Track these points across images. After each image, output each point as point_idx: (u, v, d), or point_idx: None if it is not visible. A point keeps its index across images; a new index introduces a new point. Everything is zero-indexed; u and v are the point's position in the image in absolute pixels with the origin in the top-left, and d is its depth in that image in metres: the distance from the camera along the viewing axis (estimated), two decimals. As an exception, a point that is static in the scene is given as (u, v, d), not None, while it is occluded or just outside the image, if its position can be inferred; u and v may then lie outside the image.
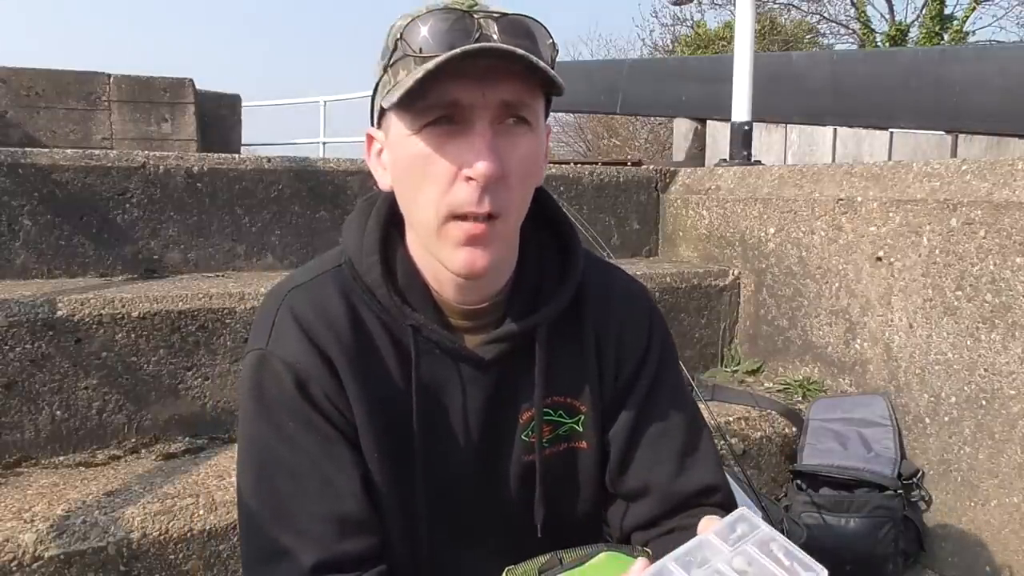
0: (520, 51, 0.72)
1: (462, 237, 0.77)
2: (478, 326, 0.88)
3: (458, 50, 0.71)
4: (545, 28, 0.78)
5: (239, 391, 0.89)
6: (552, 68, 0.78)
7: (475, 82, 0.73)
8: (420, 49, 0.74)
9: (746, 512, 0.64)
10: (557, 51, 0.80)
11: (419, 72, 0.72)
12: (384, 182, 0.86)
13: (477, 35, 0.73)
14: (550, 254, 0.92)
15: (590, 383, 0.93)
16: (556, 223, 0.94)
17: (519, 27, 0.76)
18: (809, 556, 0.60)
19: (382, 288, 0.85)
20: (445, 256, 0.80)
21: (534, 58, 0.73)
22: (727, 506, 0.94)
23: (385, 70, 0.79)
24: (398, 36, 0.76)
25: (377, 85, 0.82)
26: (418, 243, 0.85)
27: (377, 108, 0.83)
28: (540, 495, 0.91)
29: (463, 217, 0.76)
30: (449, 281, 0.85)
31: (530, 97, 0.77)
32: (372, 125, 0.86)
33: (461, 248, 0.78)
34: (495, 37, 0.74)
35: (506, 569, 0.83)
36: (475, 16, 0.74)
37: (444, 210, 0.77)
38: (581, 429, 0.93)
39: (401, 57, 0.76)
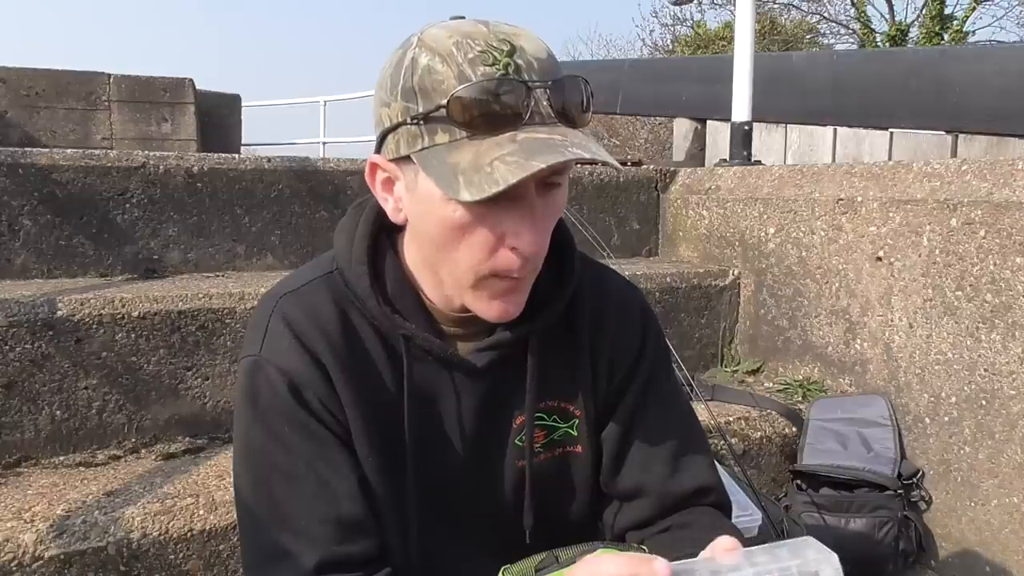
0: (601, 157, 0.73)
1: (499, 292, 0.79)
2: (470, 333, 0.88)
3: (542, 165, 0.69)
4: (586, 83, 0.78)
5: (235, 397, 0.89)
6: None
7: None
8: (467, 119, 0.71)
9: (811, 542, 0.62)
10: (593, 99, 0.80)
11: (497, 178, 0.69)
12: (397, 217, 0.82)
13: (528, 113, 0.72)
14: (546, 262, 0.92)
15: (584, 387, 0.93)
16: (555, 231, 0.94)
17: (565, 91, 0.75)
18: None
19: (371, 299, 0.84)
20: (478, 306, 0.81)
21: (602, 156, 0.73)
22: (721, 506, 0.95)
23: (416, 121, 0.74)
24: (440, 100, 0.72)
25: (398, 126, 0.76)
26: (419, 259, 0.84)
27: (397, 150, 0.77)
28: (529, 504, 0.91)
29: (501, 276, 0.78)
30: (449, 297, 0.85)
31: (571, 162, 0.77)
32: (377, 152, 0.81)
33: (497, 300, 0.80)
34: (544, 104, 0.73)
35: (502, 568, 0.84)
36: (527, 85, 0.72)
37: (484, 272, 0.78)
38: (575, 433, 0.93)
39: (442, 119, 0.72)
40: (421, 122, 0.74)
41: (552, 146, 0.71)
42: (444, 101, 0.72)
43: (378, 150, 0.81)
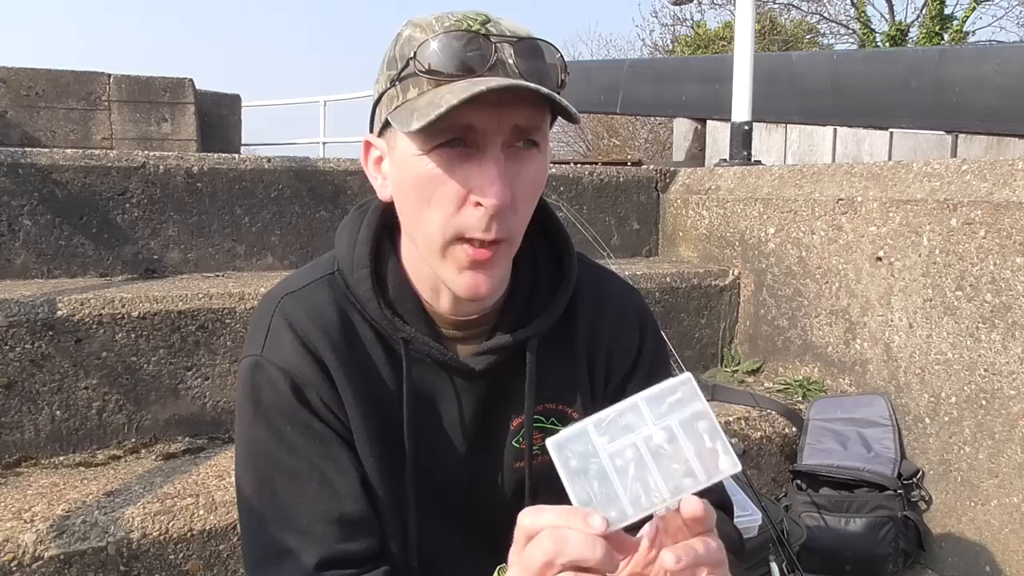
0: (544, 89, 0.72)
1: (466, 260, 0.77)
2: (470, 336, 0.89)
3: (483, 87, 0.70)
4: (557, 51, 0.78)
5: (236, 397, 0.89)
6: (563, 87, 0.79)
7: (491, 107, 0.72)
8: (432, 67, 0.73)
9: (690, 381, 0.62)
10: (568, 73, 0.80)
11: (441, 104, 0.70)
12: (383, 193, 0.84)
13: (493, 60, 0.73)
14: (544, 265, 0.92)
15: (581, 390, 0.93)
16: (552, 232, 0.94)
17: (534, 51, 0.75)
18: (730, 445, 0.59)
19: (372, 302, 0.85)
20: (448, 278, 0.80)
21: (557, 97, 0.72)
22: (721, 505, 0.95)
23: (392, 83, 0.78)
24: (410, 54, 0.75)
25: (382, 96, 0.80)
26: (416, 256, 0.84)
27: (380, 119, 0.81)
28: (528, 506, 0.91)
29: (469, 241, 0.76)
30: (446, 296, 0.85)
31: (541, 120, 0.77)
32: (371, 132, 0.85)
33: (465, 271, 0.78)
34: (510, 61, 0.74)
35: (498, 568, 0.84)
36: (491, 39, 0.74)
37: (451, 232, 0.77)
38: None
39: (412, 74, 0.75)
40: (397, 83, 0.77)
41: (496, 86, 0.71)
42: (412, 54, 0.75)
43: (371, 129, 0.84)
